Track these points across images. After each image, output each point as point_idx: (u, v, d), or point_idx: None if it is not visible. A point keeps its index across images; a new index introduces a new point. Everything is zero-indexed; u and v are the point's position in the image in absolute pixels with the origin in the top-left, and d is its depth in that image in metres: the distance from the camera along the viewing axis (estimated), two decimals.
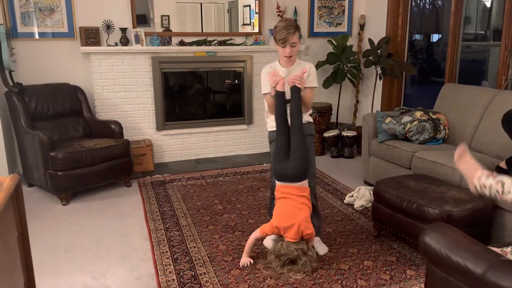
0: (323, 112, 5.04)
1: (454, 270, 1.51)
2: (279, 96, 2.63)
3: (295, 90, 2.61)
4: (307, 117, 2.82)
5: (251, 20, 5.07)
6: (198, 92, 5.03)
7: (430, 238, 1.62)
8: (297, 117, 2.63)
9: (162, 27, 4.74)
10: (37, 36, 4.26)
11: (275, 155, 2.68)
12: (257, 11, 5.00)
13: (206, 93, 5.11)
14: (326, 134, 5.06)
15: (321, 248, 2.80)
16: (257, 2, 4.96)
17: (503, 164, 2.89)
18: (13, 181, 1.54)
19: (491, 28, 4.32)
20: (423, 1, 5.18)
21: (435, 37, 5.08)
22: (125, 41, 4.41)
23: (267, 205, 3.28)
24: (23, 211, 1.63)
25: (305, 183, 2.63)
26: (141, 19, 4.64)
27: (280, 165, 2.62)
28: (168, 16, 4.76)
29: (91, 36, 4.29)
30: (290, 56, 2.67)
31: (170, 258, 2.74)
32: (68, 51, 4.38)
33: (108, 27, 4.39)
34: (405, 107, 4.08)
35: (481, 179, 1.68)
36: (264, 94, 2.77)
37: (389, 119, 3.79)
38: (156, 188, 4.02)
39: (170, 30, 4.74)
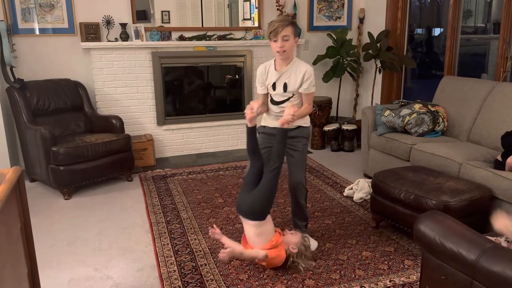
0: (323, 106, 5.05)
1: (448, 257, 1.54)
2: (248, 131, 2.50)
3: (282, 131, 2.43)
4: (302, 122, 2.64)
5: (251, 15, 5.08)
6: (199, 87, 5.05)
7: (425, 226, 1.65)
8: (277, 159, 2.44)
9: (163, 22, 4.75)
10: (37, 32, 4.29)
11: (244, 182, 2.55)
12: (257, 5, 5.01)
13: (207, 88, 5.13)
14: (326, 128, 5.08)
15: (312, 243, 2.77)
16: None
17: (499, 157, 2.90)
18: (16, 173, 1.57)
19: (491, 21, 4.32)
20: None
21: (434, 31, 5.08)
22: (125, 37, 4.43)
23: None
24: (26, 202, 1.66)
25: (262, 224, 2.43)
26: (141, 15, 4.65)
27: (242, 193, 2.50)
28: (169, 11, 4.78)
29: (91, 32, 4.32)
30: (283, 52, 2.48)
31: (171, 250, 2.78)
32: (68, 47, 4.41)
33: (108, 22, 4.41)
34: (404, 100, 4.09)
35: (508, 227, 1.71)
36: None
37: (388, 112, 3.80)
38: (157, 182, 4.05)
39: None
